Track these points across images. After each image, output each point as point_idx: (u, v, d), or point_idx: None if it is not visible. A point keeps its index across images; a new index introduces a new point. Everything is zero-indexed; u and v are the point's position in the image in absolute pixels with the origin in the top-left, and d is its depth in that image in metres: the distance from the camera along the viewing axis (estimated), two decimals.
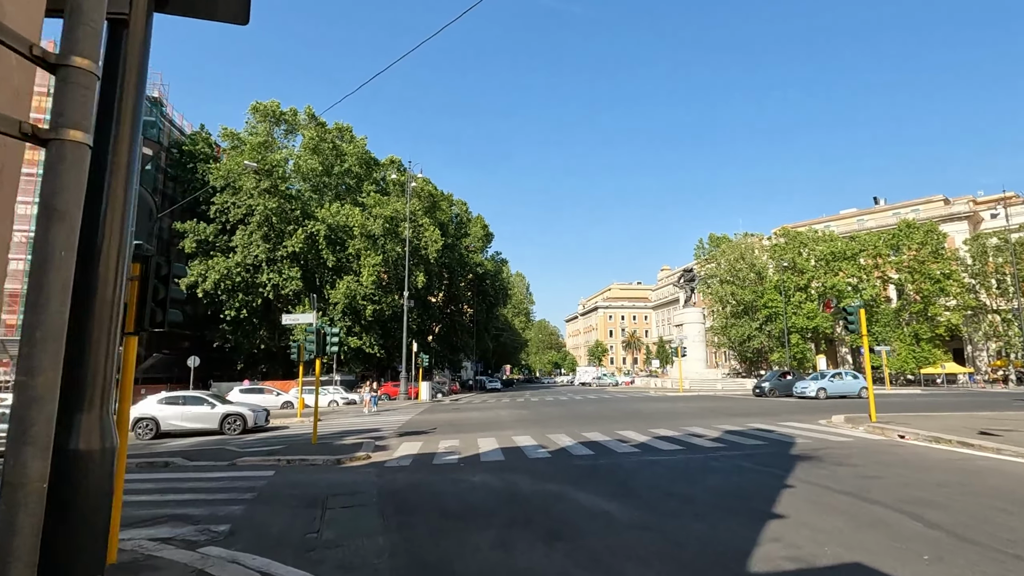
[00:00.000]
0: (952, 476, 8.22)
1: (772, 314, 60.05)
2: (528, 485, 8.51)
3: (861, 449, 11.16)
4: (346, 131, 48.15)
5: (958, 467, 9.04)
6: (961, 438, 11.38)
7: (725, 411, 21.79)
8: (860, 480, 8.01)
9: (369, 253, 42.43)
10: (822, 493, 7.29)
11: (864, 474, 8.47)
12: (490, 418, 22.03)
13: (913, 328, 57.51)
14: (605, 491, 7.79)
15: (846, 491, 7.33)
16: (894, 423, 14.14)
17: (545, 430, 16.59)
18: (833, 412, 19.21)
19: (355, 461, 12.17)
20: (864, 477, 8.24)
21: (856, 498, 6.92)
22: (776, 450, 11.37)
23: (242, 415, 19.19)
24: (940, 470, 8.76)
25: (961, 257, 57.67)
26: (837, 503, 6.75)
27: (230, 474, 11.03)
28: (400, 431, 18.24)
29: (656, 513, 6.51)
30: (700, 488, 7.88)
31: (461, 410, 27.77)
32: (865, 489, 7.35)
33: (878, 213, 79.42)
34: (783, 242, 66.21)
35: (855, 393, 28.70)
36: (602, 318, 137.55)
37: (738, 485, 8.08)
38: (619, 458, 11.07)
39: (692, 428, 15.79)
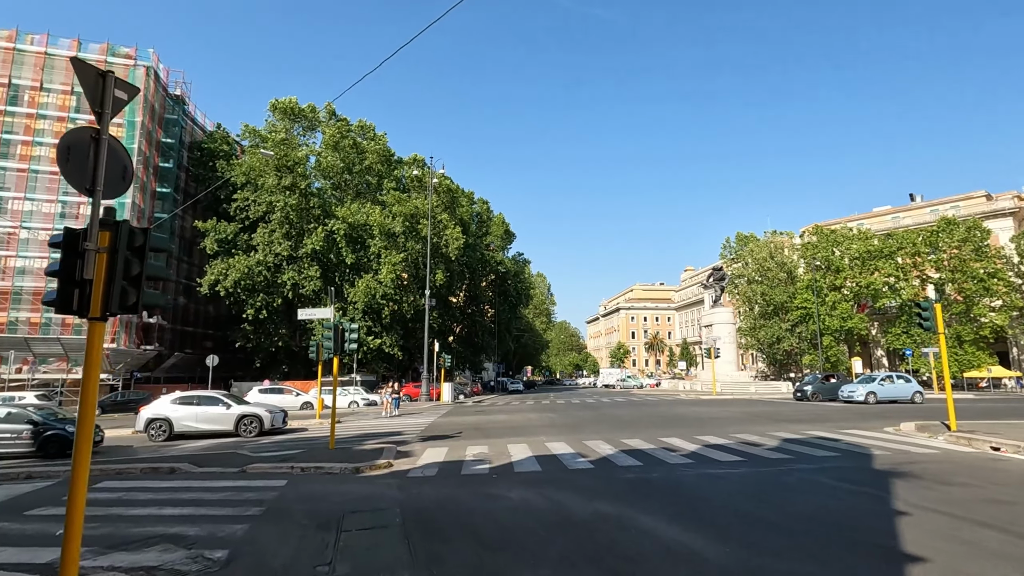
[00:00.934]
0: None
1: (804, 315, 57.70)
2: (578, 505, 7.22)
3: (959, 464, 9.61)
4: (368, 128, 47.43)
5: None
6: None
7: (771, 416, 20.20)
8: (991, 507, 6.56)
9: (389, 252, 41.56)
10: (953, 524, 5.87)
11: (989, 497, 7.00)
12: (518, 422, 20.77)
13: (955, 330, 54.74)
14: (674, 515, 6.47)
15: (983, 522, 5.89)
16: (979, 432, 12.49)
17: (580, 436, 15.29)
18: (894, 419, 17.52)
19: (375, 470, 11.01)
20: (993, 502, 6.79)
21: (1006, 533, 5.47)
22: (855, 463, 9.89)
23: (258, 416, 18.23)
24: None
25: (1007, 255, 54.68)
26: (982, 539, 5.34)
27: (239, 483, 9.95)
28: (423, 435, 17.08)
29: (753, 550, 5.16)
30: (790, 513, 6.51)
31: (485, 412, 26.56)
32: (1010, 521, 5.88)
33: (915, 210, 76.25)
34: (815, 240, 63.77)
35: (907, 398, 26.74)
36: (624, 319, 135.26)
37: (836, 510, 6.67)
38: (673, 471, 9.72)
39: (744, 435, 14.31)
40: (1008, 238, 58.31)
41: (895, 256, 57.83)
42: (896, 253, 57.79)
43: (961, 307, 54.10)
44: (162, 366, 42.94)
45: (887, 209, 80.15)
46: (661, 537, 5.64)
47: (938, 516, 6.19)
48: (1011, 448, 10.70)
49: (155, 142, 40.53)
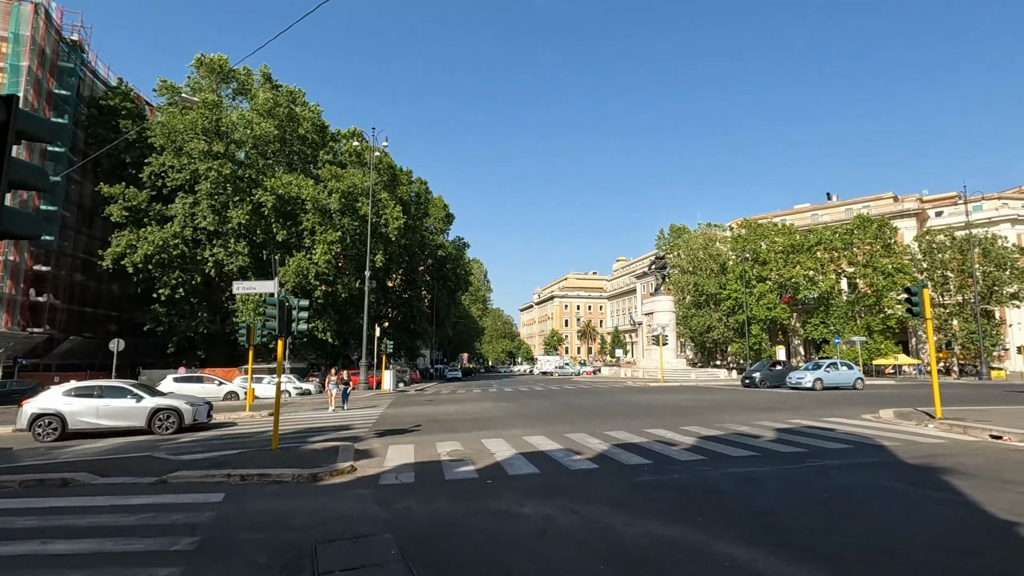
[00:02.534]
0: None
1: (734, 305, 59.77)
2: (621, 525, 5.80)
3: (991, 457, 9.05)
4: (298, 95, 43.52)
5: None
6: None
7: (738, 404, 19.86)
8: None
9: (324, 229, 38.38)
10: None
11: None
12: (478, 412, 19.19)
13: (866, 320, 58.44)
14: (755, 539, 5.18)
15: None
16: (969, 420, 12.32)
17: (556, 428, 13.96)
18: (860, 405, 17.54)
19: (337, 476, 9.09)
20: None
21: None
22: (881, 457, 9.16)
23: (177, 410, 15.51)
24: None
25: (912, 252, 58.98)
26: None
27: (159, 500, 7.76)
28: (377, 430, 15.14)
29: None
30: (895, 533, 5.35)
31: (435, 402, 24.76)
32: None
33: (832, 208, 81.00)
34: (744, 233, 66.16)
35: (850, 384, 27.63)
36: (558, 307, 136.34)
37: (934, 525, 5.59)
38: (694, 471, 8.55)
39: (732, 426, 13.53)
40: (912, 237, 63.01)
41: (814, 251, 60.91)
42: (815, 248, 60.88)
43: (872, 300, 57.91)
44: (54, 352, 37.53)
45: (807, 207, 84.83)
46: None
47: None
48: (1016, 436, 10.41)
49: (46, 93, 34.88)
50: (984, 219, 60.59)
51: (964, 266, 54.87)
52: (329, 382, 22.11)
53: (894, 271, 55.97)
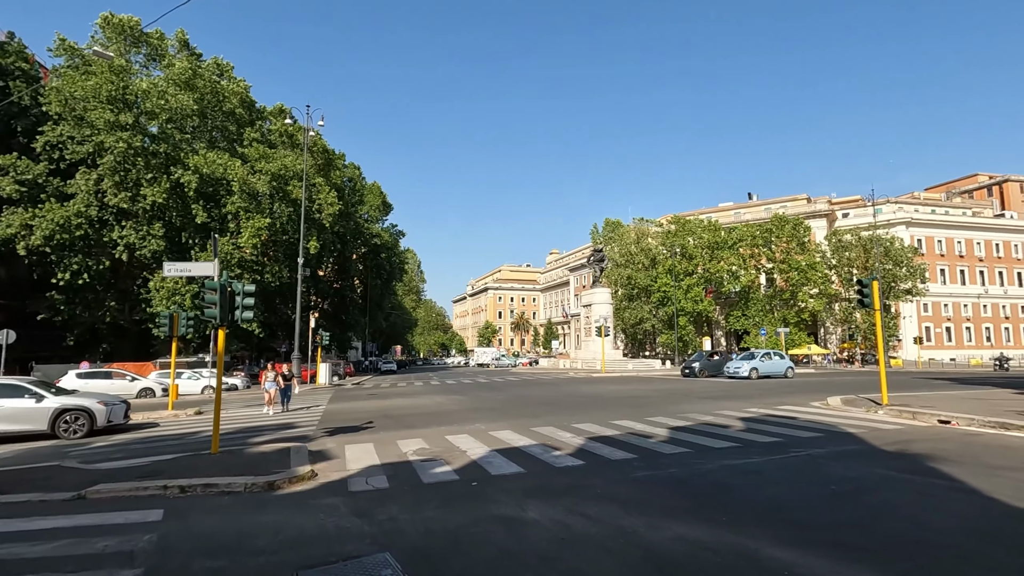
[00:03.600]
0: None
1: (663, 298, 61.78)
2: (642, 527, 5.32)
3: (955, 442, 9.41)
4: (225, 68, 40.04)
5: None
6: (1005, 420, 10.17)
7: (687, 393, 20.19)
8: None
9: (252, 214, 35.59)
10: None
11: None
12: (430, 406, 18.29)
13: (782, 313, 62.13)
14: (799, 539, 4.86)
15: None
16: (914, 406, 12.97)
17: (521, 422, 13.42)
18: (803, 393, 18.27)
19: (297, 483, 8.03)
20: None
21: None
22: (858, 446, 9.31)
23: (87, 410, 13.53)
24: None
25: (823, 250, 63.33)
26: None
27: (78, 521, 6.47)
28: (325, 427, 13.96)
29: None
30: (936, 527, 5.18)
31: (379, 396, 23.53)
32: None
33: (753, 207, 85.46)
34: (673, 229, 68.48)
35: (782, 373, 29.09)
36: (492, 299, 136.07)
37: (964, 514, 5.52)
38: (687, 464, 8.29)
39: (696, 415, 13.56)
40: (823, 236, 67.74)
41: (737, 247, 64.05)
42: (738, 244, 64.00)
43: (788, 294, 61.78)
44: None
45: (731, 205, 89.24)
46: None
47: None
48: (963, 421, 10.99)
49: None
50: (884, 221, 66.10)
51: (868, 263, 59.78)
52: (265, 379, 17.94)
53: (807, 267, 59.77)
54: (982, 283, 68.74)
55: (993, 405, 13.27)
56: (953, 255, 68.93)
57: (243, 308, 10.33)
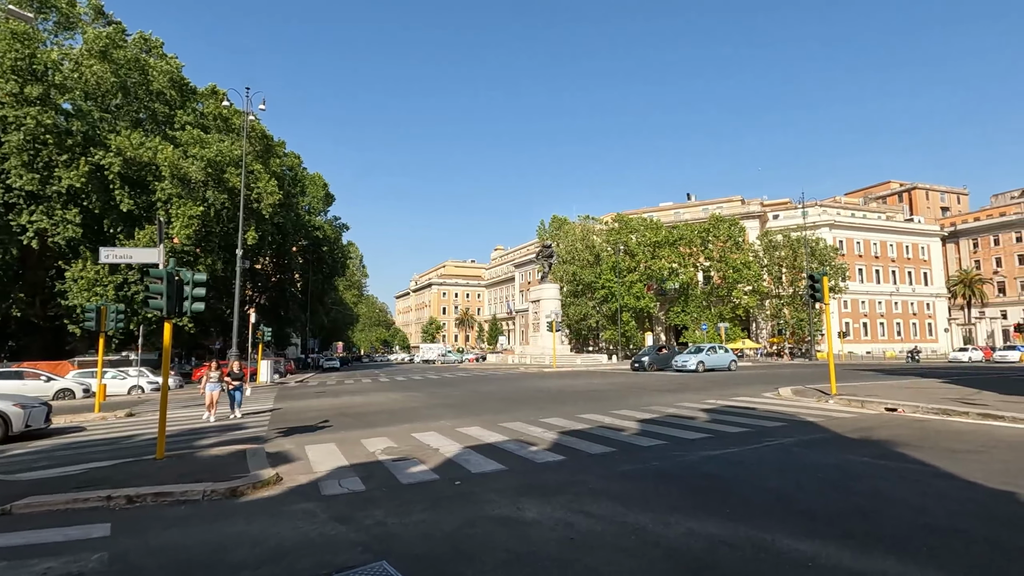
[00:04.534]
0: None
1: (607, 294, 63.06)
2: (650, 523, 5.19)
3: (909, 428, 9.94)
4: (154, 45, 37.12)
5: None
6: (957, 408, 10.88)
7: (644, 386, 20.52)
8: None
9: (184, 202, 33.24)
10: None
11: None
12: (386, 404, 17.62)
13: (718, 309, 64.88)
14: (810, 529, 4.87)
15: None
16: (860, 395, 13.69)
17: (487, 418, 13.12)
18: (753, 385, 18.96)
19: (263, 488, 7.39)
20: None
21: None
22: (823, 434, 9.65)
23: (2, 414, 12.03)
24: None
25: (756, 250, 66.60)
26: None
27: (6, 542, 5.63)
28: (278, 428, 13.12)
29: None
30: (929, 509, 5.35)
31: (328, 394, 22.53)
32: None
33: (691, 207, 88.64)
34: (617, 227, 70.01)
35: (726, 366, 30.25)
36: (436, 295, 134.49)
37: (946, 498, 5.74)
38: (669, 456, 8.30)
39: (660, 408, 13.74)
40: (755, 236, 71.24)
41: (677, 245, 66.29)
42: (678, 243, 66.25)
43: (724, 291, 64.61)
44: None
45: (671, 205, 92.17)
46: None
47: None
48: (908, 408, 11.67)
49: None
50: (810, 223, 70.26)
51: (796, 262, 63.46)
52: (207, 380, 14.90)
53: (742, 266, 62.63)
54: (894, 282, 74.51)
55: (928, 394, 14.23)
56: (869, 256, 74.30)
57: (193, 299, 9.43)
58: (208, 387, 14.89)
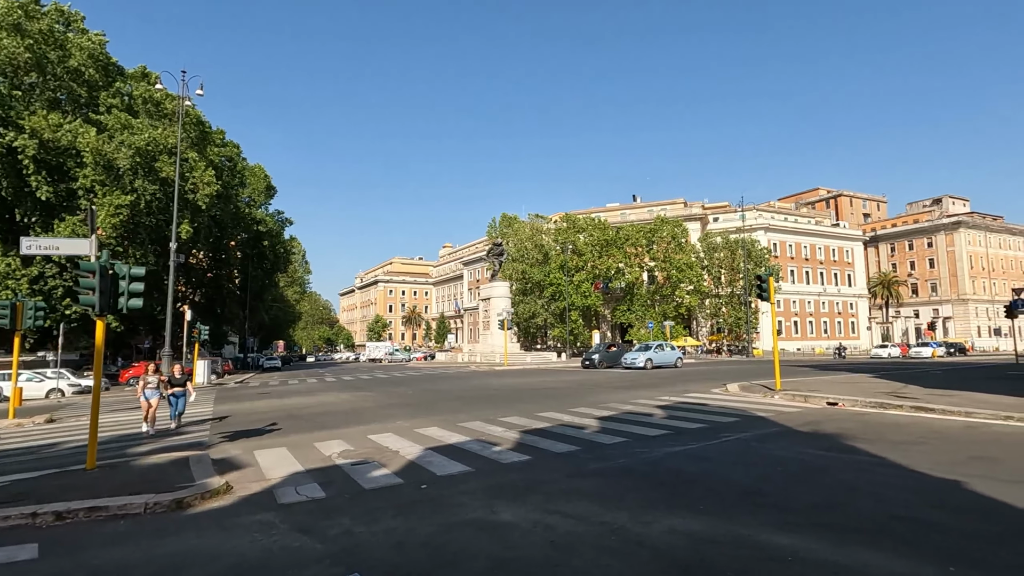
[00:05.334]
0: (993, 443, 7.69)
1: (556, 292, 63.78)
2: (628, 521, 5.15)
3: (853, 421, 10.47)
4: (73, 18, 34.28)
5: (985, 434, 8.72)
6: (892, 402, 11.59)
7: (598, 384, 20.77)
8: (978, 463, 6.85)
9: (110, 190, 30.94)
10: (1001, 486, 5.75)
11: (969, 454, 7.35)
12: (336, 404, 16.97)
13: (662, 308, 66.90)
14: (783, 522, 4.99)
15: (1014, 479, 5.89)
16: (803, 390, 14.34)
17: (445, 418, 12.85)
18: (701, 381, 19.54)
19: (212, 499, 6.87)
20: (975, 458, 7.12)
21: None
22: (775, 428, 10.02)
23: None
24: (983, 440, 8.37)
25: (698, 251, 69.12)
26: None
27: None
28: (222, 432, 12.36)
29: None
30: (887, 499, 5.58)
31: (272, 395, 21.52)
32: None
33: (637, 208, 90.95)
34: (565, 226, 70.90)
35: (672, 363, 31.11)
36: (382, 292, 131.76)
37: (900, 488, 6.02)
38: (633, 453, 8.37)
39: (616, 406, 13.89)
40: (696, 238, 73.93)
41: (623, 246, 67.85)
42: (624, 243, 67.81)
43: (667, 290, 66.69)
44: None
45: (617, 206, 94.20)
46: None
47: (985, 481, 6.02)
48: (848, 402, 12.33)
49: None
50: (747, 226, 73.62)
51: (734, 264, 66.34)
52: (144, 385, 12.56)
53: (685, 266, 64.80)
54: (822, 283, 79.25)
55: (862, 388, 15.12)
56: (800, 258, 78.70)
57: (130, 295, 8.66)
58: (146, 394, 12.55)
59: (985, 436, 8.80)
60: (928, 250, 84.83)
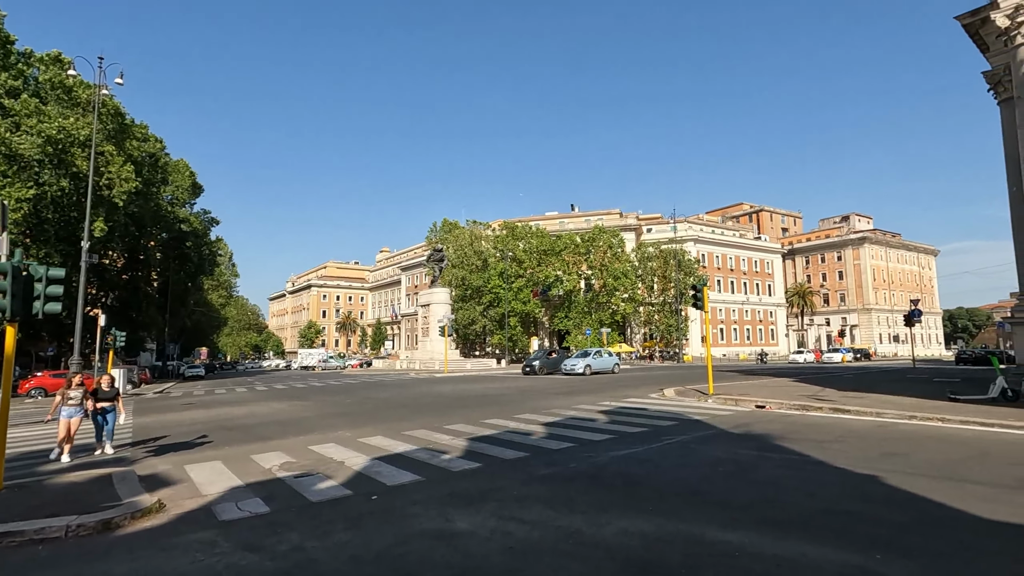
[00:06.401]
0: (903, 440, 8.51)
1: (495, 299, 64.13)
2: (583, 525, 5.30)
3: (779, 423, 11.18)
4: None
5: (893, 432, 9.52)
6: (813, 404, 12.50)
7: (540, 391, 21.00)
8: (891, 459, 7.49)
9: (12, 182, 28.24)
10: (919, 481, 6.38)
11: (882, 451, 8.02)
12: (270, 414, 16.22)
13: (599, 315, 68.69)
14: (729, 519, 5.30)
15: (933, 475, 6.52)
16: (734, 394, 15.16)
17: (389, 426, 12.63)
18: (639, 387, 20.21)
19: (144, 519, 6.41)
20: (887, 454, 7.78)
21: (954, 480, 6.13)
22: (711, 431, 10.56)
23: None
24: (892, 437, 9.13)
25: (632, 260, 71.61)
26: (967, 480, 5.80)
27: None
28: (146, 447, 11.54)
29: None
30: (817, 494, 6.05)
31: (200, 406, 20.29)
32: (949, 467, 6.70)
33: (575, 218, 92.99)
34: (504, 234, 71.53)
35: (610, 369, 31.94)
36: (315, 297, 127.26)
37: (826, 483, 6.53)
38: (581, 457, 8.58)
39: (560, 411, 14.14)
40: (631, 247, 76.59)
41: (562, 254, 69.21)
42: (563, 251, 69.20)
43: (604, 298, 68.57)
44: None
45: (556, 214, 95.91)
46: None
47: (907, 476, 6.63)
48: (774, 405, 13.17)
49: None
50: (679, 237, 77.06)
51: (667, 273, 69.25)
52: (64, 400, 10.27)
53: (620, 275, 66.89)
54: (745, 292, 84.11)
55: (785, 391, 16.21)
56: (726, 268, 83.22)
57: (47, 299, 7.97)
58: (65, 413, 10.18)
59: (894, 434, 9.69)
60: (838, 263, 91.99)
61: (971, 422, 10.38)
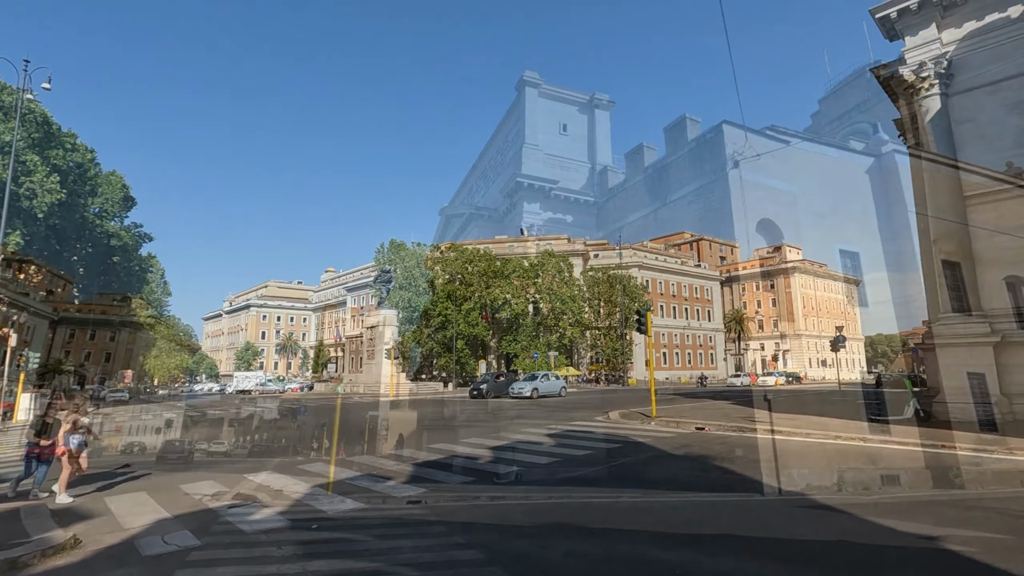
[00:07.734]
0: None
1: (443, 321, 63.77)
2: (531, 547, 5.28)
3: (720, 444, 11.59)
4: None
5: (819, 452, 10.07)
6: (748, 425, 13.08)
7: (494, 414, 20.97)
8: (821, 475, 7.86)
9: None
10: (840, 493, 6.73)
11: (810, 468, 8.43)
12: (201, 442, 15.32)
13: (546, 339, 69.37)
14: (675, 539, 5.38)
15: None
16: (675, 417, 15.62)
17: (326, 453, 12.18)
18: (576, 409, 20.56)
19: (56, 556, 5.91)
20: (814, 472, 8.17)
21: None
22: (655, 452, 10.80)
23: None
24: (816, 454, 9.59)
25: (580, 285, 73.06)
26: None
27: None
28: (56, 477, 10.61)
29: None
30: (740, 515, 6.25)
31: (123, 432, 18.94)
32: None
33: (524, 242, 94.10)
34: (453, 256, 71.71)
35: (557, 392, 32.16)
36: (255, 318, 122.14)
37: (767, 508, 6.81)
38: (538, 474, 8.52)
39: (508, 435, 14.12)
40: (579, 272, 78.18)
41: (511, 277, 69.82)
42: (511, 275, 69.83)
43: (552, 321, 69.38)
44: None
45: (506, 238, 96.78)
46: None
47: (823, 493, 7.01)
48: (713, 427, 13.65)
49: None
50: (625, 263, 79.36)
51: (612, 297, 70.99)
52: (74, 427, 8.90)
53: (568, 299, 68.00)
54: (687, 318, 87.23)
55: (723, 413, 16.86)
56: (668, 294, 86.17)
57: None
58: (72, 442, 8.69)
59: (819, 452, 10.27)
60: (771, 291, 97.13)
61: (890, 442, 11.16)
